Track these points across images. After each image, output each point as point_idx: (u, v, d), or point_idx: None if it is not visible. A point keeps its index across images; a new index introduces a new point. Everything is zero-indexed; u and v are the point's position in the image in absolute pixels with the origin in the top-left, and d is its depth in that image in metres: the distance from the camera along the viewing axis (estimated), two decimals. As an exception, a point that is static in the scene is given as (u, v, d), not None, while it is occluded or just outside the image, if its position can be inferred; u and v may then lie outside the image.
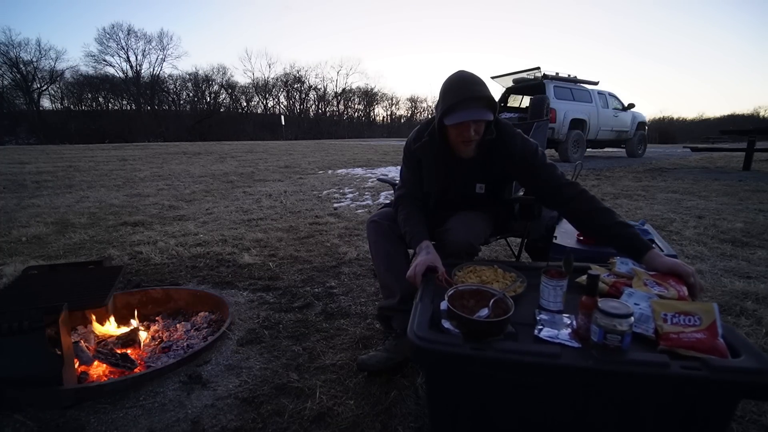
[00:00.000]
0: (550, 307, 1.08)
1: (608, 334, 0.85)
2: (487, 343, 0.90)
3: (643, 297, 1.03)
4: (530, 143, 1.50)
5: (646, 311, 0.97)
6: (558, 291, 1.07)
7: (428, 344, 0.90)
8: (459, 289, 1.09)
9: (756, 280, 2.29)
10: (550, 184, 1.44)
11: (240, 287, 2.32)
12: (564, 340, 0.93)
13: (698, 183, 6.09)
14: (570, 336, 0.95)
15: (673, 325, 0.92)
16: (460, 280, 1.25)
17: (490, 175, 1.57)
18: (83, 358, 1.54)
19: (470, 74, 1.41)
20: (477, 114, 1.35)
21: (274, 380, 1.45)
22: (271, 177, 7.64)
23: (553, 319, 1.03)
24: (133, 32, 37.01)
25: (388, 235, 1.56)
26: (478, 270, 1.33)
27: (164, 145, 20.03)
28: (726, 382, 0.81)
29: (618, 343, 0.85)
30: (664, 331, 0.92)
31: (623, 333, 0.85)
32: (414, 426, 1.22)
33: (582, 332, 0.94)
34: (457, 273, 1.30)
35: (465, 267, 1.35)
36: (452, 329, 0.98)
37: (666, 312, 0.95)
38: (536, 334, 0.97)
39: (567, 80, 9.39)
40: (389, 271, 1.54)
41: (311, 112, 46.27)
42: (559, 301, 1.07)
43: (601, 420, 0.92)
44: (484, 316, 0.98)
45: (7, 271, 2.56)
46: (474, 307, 1.03)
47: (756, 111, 36.88)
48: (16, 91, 32.40)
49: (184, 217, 4.27)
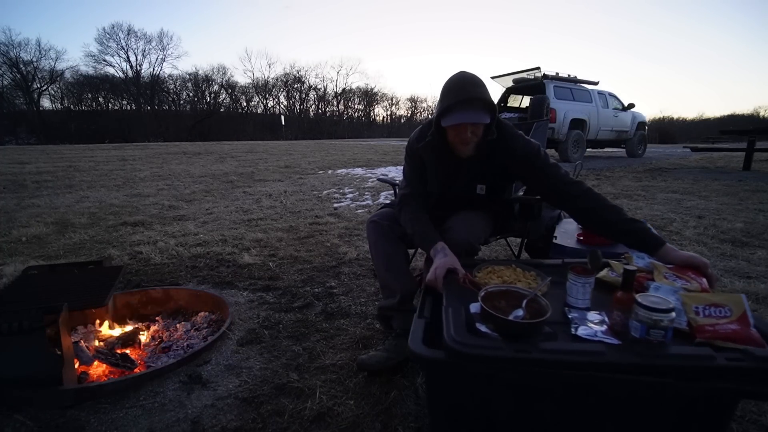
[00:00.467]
0: (578, 304, 1.07)
1: (651, 329, 0.85)
2: (530, 345, 0.88)
3: (669, 290, 1.02)
4: (532, 144, 1.49)
5: (677, 304, 0.97)
6: (586, 288, 1.06)
7: (470, 349, 0.87)
8: (489, 291, 1.07)
9: (756, 280, 2.29)
10: (556, 183, 1.43)
11: (240, 287, 2.32)
12: (602, 338, 0.92)
13: (698, 183, 6.09)
14: (606, 333, 0.94)
15: (706, 318, 0.93)
16: (481, 281, 1.24)
17: (491, 176, 1.57)
18: (83, 358, 1.54)
19: (471, 75, 1.40)
20: (473, 117, 1.34)
21: (274, 380, 1.45)
22: (271, 177, 7.64)
23: (585, 317, 1.02)
24: (133, 32, 37.09)
25: (388, 236, 1.57)
26: (497, 270, 1.32)
27: (164, 145, 20.03)
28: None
29: (662, 338, 0.85)
30: (698, 323, 0.92)
31: (666, 328, 0.85)
32: (414, 426, 1.22)
33: (619, 328, 0.93)
34: (477, 274, 1.29)
35: (483, 268, 1.34)
36: (489, 332, 0.95)
37: (697, 305, 0.95)
38: (573, 332, 0.96)
39: (567, 80, 9.38)
40: (389, 271, 1.55)
41: (311, 112, 46.33)
42: (588, 298, 1.07)
43: (628, 416, 0.91)
44: (520, 317, 0.96)
45: (7, 271, 2.56)
46: (506, 308, 1.02)
47: (756, 111, 36.92)
48: (16, 91, 32.45)
49: (184, 217, 4.27)
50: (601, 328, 0.96)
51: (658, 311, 0.85)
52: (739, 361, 0.82)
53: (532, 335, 0.92)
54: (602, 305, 1.07)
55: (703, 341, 0.89)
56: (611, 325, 0.95)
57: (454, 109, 1.35)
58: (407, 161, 1.65)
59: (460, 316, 1.00)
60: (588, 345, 0.89)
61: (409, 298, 1.54)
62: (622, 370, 0.84)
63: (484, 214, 1.63)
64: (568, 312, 1.05)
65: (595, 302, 1.09)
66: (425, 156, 1.57)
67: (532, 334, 0.92)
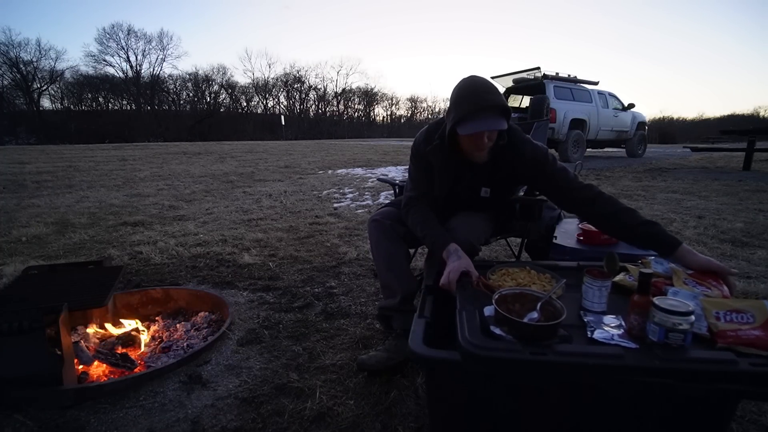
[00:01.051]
0: (594, 308, 1.06)
1: (670, 332, 0.84)
2: (546, 347, 0.88)
3: (689, 296, 1.01)
4: (540, 148, 1.49)
5: (697, 309, 0.96)
6: (603, 291, 1.05)
7: (486, 351, 0.87)
8: (503, 293, 1.07)
9: (756, 280, 2.29)
10: (568, 188, 1.43)
11: (240, 287, 2.32)
12: (619, 341, 0.91)
13: (698, 183, 6.09)
14: (623, 336, 0.93)
15: (727, 323, 0.92)
16: (495, 283, 1.23)
17: (497, 180, 1.56)
18: (83, 358, 1.54)
19: (483, 81, 1.37)
20: (492, 124, 1.33)
21: (274, 380, 1.45)
22: (271, 177, 7.64)
23: (600, 320, 1.01)
24: (133, 32, 37.04)
25: (390, 235, 1.56)
26: (512, 272, 1.31)
27: (164, 145, 20.03)
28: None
29: (681, 341, 0.84)
30: (719, 329, 0.91)
31: (685, 331, 0.84)
32: (414, 426, 1.22)
33: (636, 332, 0.92)
34: (491, 276, 1.28)
35: (497, 270, 1.33)
36: (503, 334, 0.95)
37: (718, 310, 0.94)
38: (589, 335, 0.95)
39: (567, 80, 9.38)
40: (390, 270, 1.55)
41: (311, 112, 46.31)
42: (604, 302, 1.05)
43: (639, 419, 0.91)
44: (535, 320, 0.96)
45: (7, 271, 2.56)
46: (520, 311, 1.01)
47: (756, 111, 36.91)
48: (16, 91, 32.43)
49: (184, 217, 4.27)
50: (618, 332, 0.95)
51: (676, 314, 0.83)
52: (763, 366, 0.81)
53: (547, 338, 0.91)
54: (618, 310, 1.06)
55: (724, 347, 0.88)
56: (628, 329, 0.94)
57: (470, 117, 1.33)
58: (413, 163, 1.63)
59: (474, 319, 0.99)
60: (605, 348, 0.88)
61: (409, 299, 1.54)
62: (641, 374, 0.83)
63: (485, 215, 1.63)
64: (583, 315, 1.04)
65: (612, 306, 1.08)
66: (433, 159, 1.55)
67: (547, 337, 0.91)
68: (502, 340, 0.93)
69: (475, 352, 0.87)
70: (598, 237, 1.70)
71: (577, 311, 1.07)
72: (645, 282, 0.94)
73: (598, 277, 1.05)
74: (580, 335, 0.96)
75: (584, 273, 1.07)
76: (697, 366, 0.82)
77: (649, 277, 0.94)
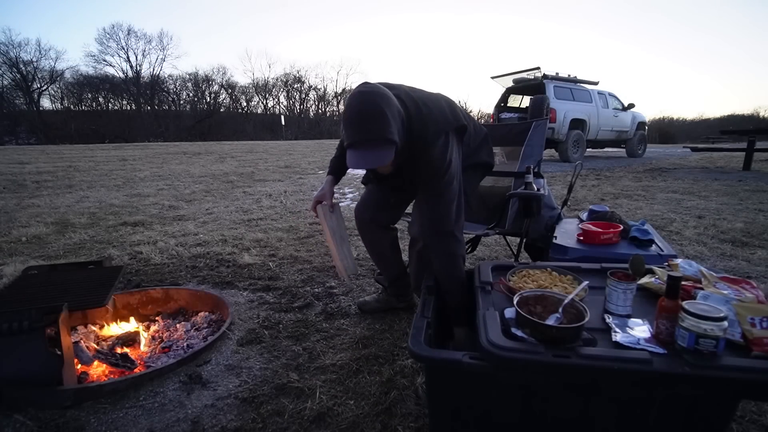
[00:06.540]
0: (619, 311, 1.04)
1: (701, 338, 0.80)
2: (569, 350, 0.86)
3: (720, 300, 0.97)
4: (436, 161, 1.36)
5: (730, 315, 0.91)
6: (628, 294, 1.03)
7: (508, 353, 0.87)
8: (524, 295, 1.05)
9: (756, 280, 2.29)
10: (425, 214, 1.46)
11: (240, 287, 2.32)
12: (646, 346, 0.89)
13: (698, 183, 6.09)
14: (650, 341, 0.91)
15: (764, 330, 0.88)
16: (516, 285, 1.22)
17: (409, 178, 1.52)
18: (83, 358, 1.54)
19: (370, 104, 1.21)
20: (374, 161, 1.24)
21: (274, 380, 1.45)
22: (271, 177, 7.64)
23: (626, 324, 0.98)
24: (133, 32, 36.88)
25: (369, 227, 1.82)
26: (533, 274, 1.30)
27: (164, 145, 20.03)
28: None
29: (713, 348, 0.80)
30: (754, 336, 0.87)
31: (718, 338, 0.80)
32: (414, 426, 1.22)
33: (664, 337, 0.89)
34: (512, 278, 1.27)
35: (518, 272, 1.32)
36: (525, 337, 0.94)
37: (753, 316, 0.90)
38: (614, 339, 0.93)
39: (567, 80, 9.38)
40: (378, 259, 1.93)
41: (311, 112, 46.26)
42: (629, 305, 1.03)
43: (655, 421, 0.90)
44: (557, 322, 0.94)
45: (7, 271, 2.56)
46: (542, 314, 1.00)
47: (756, 111, 36.75)
48: (16, 91, 32.33)
49: (184, 217, 4.27)
50: (644, 336, 0.92)
51: (708, 319, 0.80)
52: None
53: (570, 340, 0.89)
54: (644, 313, 1.04)
55: (761, 354, 0.84)
56: (655, 333, 0.92)
57: (357, 146, 1.23)
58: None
59: (496, 321, 0.98)
60: (632, 352, 0.86)
61: (394, 282, 1.92)
62: (671, 381, 0.81)
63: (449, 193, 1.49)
64: (607, 318, 1.02)
65: (637, 310, 1.05)
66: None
67: (570, 340, 0.89)
68: (524, 342, 0.92)
69: (497, 353, 0.86)
70: (598, 237, 1.70)
71: (601, 314, 1.05)
72: (674, 285, 0.90)
73: (623, 280, 1.02)
74: (604, 339, 0.94)
75: (608, 275, 1.05)
76: (731, 374, 0.79)
77: (678, 281, 0.91)
